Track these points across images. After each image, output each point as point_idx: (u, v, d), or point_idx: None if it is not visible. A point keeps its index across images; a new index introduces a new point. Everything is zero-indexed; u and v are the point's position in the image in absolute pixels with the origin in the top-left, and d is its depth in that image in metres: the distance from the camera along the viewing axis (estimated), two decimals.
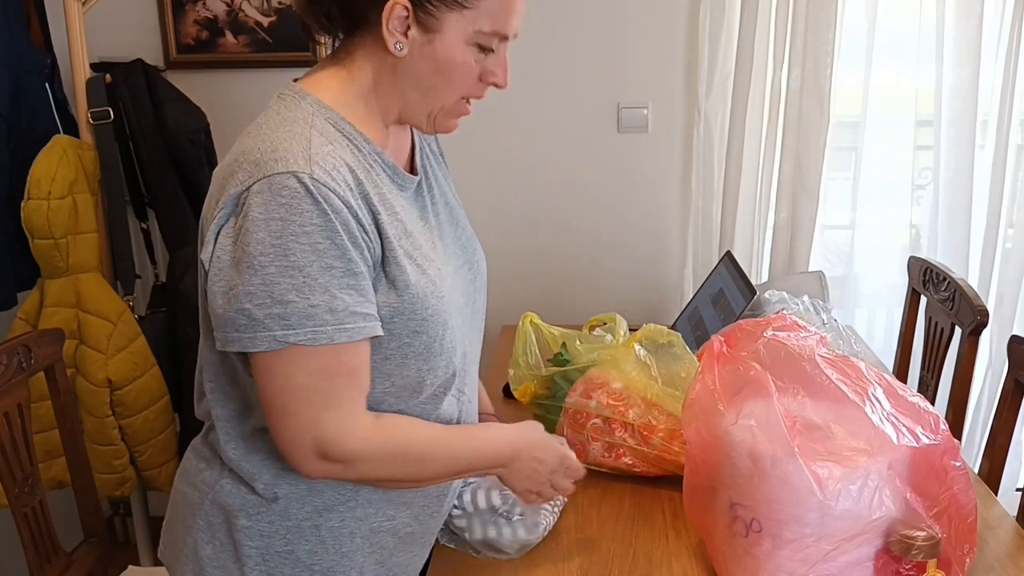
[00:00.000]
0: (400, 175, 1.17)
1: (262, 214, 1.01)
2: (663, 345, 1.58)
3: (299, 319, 1.02)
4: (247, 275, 1.01)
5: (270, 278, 1.01)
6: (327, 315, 1.02)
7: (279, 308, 1.01)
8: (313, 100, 1.11)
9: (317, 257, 1.02)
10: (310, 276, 1.02)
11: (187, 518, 1.19)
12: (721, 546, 1.25)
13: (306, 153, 1.04)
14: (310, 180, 1.01)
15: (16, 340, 1.61)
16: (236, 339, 1.03)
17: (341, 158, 1.07)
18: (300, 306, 1.01)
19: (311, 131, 1.07)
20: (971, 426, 2.49)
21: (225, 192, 1.05)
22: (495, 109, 2.44)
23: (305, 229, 1.01)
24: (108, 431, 2.15)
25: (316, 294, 1.02)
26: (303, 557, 1.17)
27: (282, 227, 1.01)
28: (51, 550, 1.66)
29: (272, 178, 1.02)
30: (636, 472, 1.52)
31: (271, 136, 1.06)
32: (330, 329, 1.03)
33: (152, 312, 2.31)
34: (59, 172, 2.06)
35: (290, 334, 1.02)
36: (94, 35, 2.24)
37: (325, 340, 1.03)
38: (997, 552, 1.33)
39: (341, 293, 1.03)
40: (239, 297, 1.02)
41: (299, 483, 1.15)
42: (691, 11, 2.39)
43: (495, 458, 1.21)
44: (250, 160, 1.04)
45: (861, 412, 1.17)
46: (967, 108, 2.34)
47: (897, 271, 2.46)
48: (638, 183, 2.52)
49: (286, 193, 1.01)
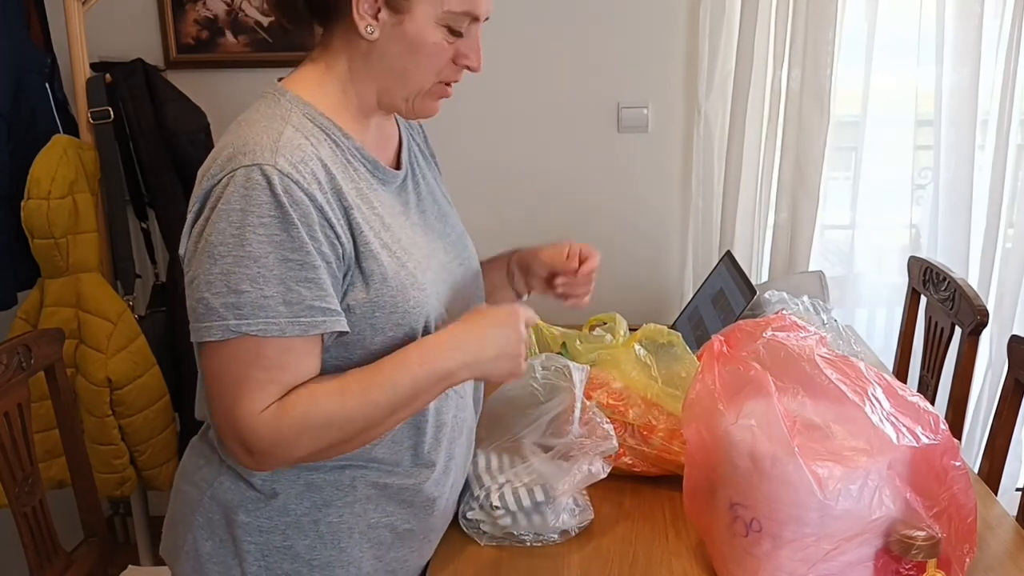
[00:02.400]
0: (381, 169, 1.17)
1: (224, 205, 1.03)
2: (663, 345, 1.58)
3: (252, 309, 1.02)
4: (207, 264, 1.03)
5: (227, 267, 1.02)
6: (281, 307, 1.03)
7: (233, 297, 1.02)
8: (292, 97, 1.12)
9: (273, 248, 1.02)
10: (265, 267, 1.02)
11: (187, 515, 1.20)
12: (721, 546, 1.25)
13: (273, 146, 1.05)
14: (274, 172, 1.03)
15: (16, 340, 1.61)
16: (195, 329, 1.05)
17: (313, 152, 1.08)
18: (253, 296, 1.02)
19: (285, 126, 1.08)
20: (971, 426, 2.48)
21: (200, 187, 1.07)
22: (495, 109, 2.44)
23: (263, 220, 1.02)
24: (108, 431, 2.15)
25: (271, 285, 1.02)
26: (302, 552, 1.17)
27: (241, 218, 1.02)
28: (51, 550, 1.66)
29: (238, 171, 1.03)
30: (636, 472, 1.52)
31: (245, 132, 1.08)
32: (283, 321, 1.03)
33: (152, 312, 2.31)
34: (59, 172, 2.06)
35: (243, 324, 1.02)
36: (94, 35, 2.24)
37: (276, 332, 1.03)
38: (997, 552, 1.33)
39: (297, 286, 1.04)
40: (200, 286, 1.03)
41: (297, 479, 1.16)
42: (691, 11, 2.39)
43: (443, 357, 1.11)
44: (223, 156, 1.06)
45: (861, 412, 1.17)
46: (967, 108, 2.34)
47: (897, 271, 2.46)
48: (638, 183, 2.52)
49: (248, 184, 1.02)
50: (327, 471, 1.17)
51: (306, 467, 1.16)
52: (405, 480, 1.21)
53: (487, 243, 1.46)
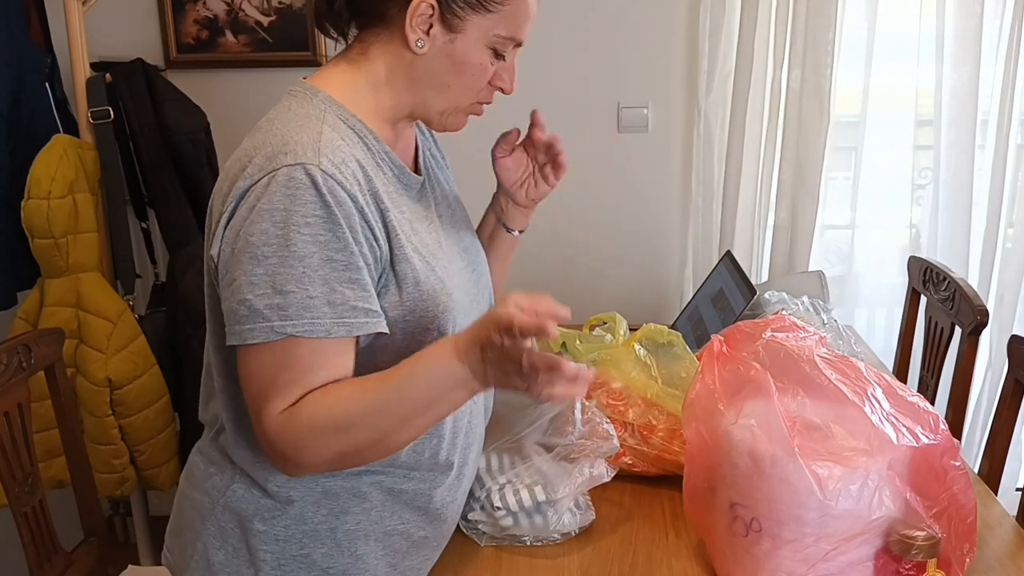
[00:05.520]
0: (406, 174, 1.17)
1: (267, 204, 1.01)
2: (663, 345, 1.58)
3: (297, 310, 1.01)
4: (250, 265, 1.01)
5: (272, 268, 1.00)
6: (325, 307, 1.02)
7: (279, 299, 1.00)
8: (325, 97, 1.11)
9: (318, 248, 1.01)
10: (310, 267, 1.01)
11: (196, 523, 1.18)
12: (721, 546, 1.25)
13: (316, 146, 1.04)
14: (318, 172, 1.01)
15: (16, 340, 1.61)
16: (236, 332, 1.02)
17: (351, 153, 1.07)
18: (298, 297, 1.00)
19: (323, 126, 1.07)
20: (971, 426, 2.49)
21: (235, 186, 1.04)
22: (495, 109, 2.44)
23: (308, 220, 1.01)
24: (108, 431, 2.15)
25: (315, 286, 1.01)
26: (319, 560, 1.16)
27: (285, 217, 1.01)
28: (51, 550, 1.66)
29: (280, 170, 1.02)
30: (636, 472, 1.52)
31: (283, 130, 1.06)
32: (328, 322, 1.02)
33: (152, 312, 2.31)
34: (59, 172, 2.05)
35: (288, 325, 1.00)
36: (94, 35, 2.24)
37: (322, 333, 1.01)
38: (997, 552, 1.33)
39: (341, 286, 1.03)
40: (241, 288, 1.01)
41: (314, 486, 1.15)
42: (691, 11, 2.39)
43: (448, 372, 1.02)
44: (262, 155, 1.04)
45: (861, 412, 1.17)
46: (967, 108, 2.35)
47: (897, 271, 2.46)
48: (638, 183, 2.52)
49: (292, 184, 1.01)
50: (344, 477, 1.15)
51: (323, 475, 1.14)
52: (420, 485, 1.20)
53: None
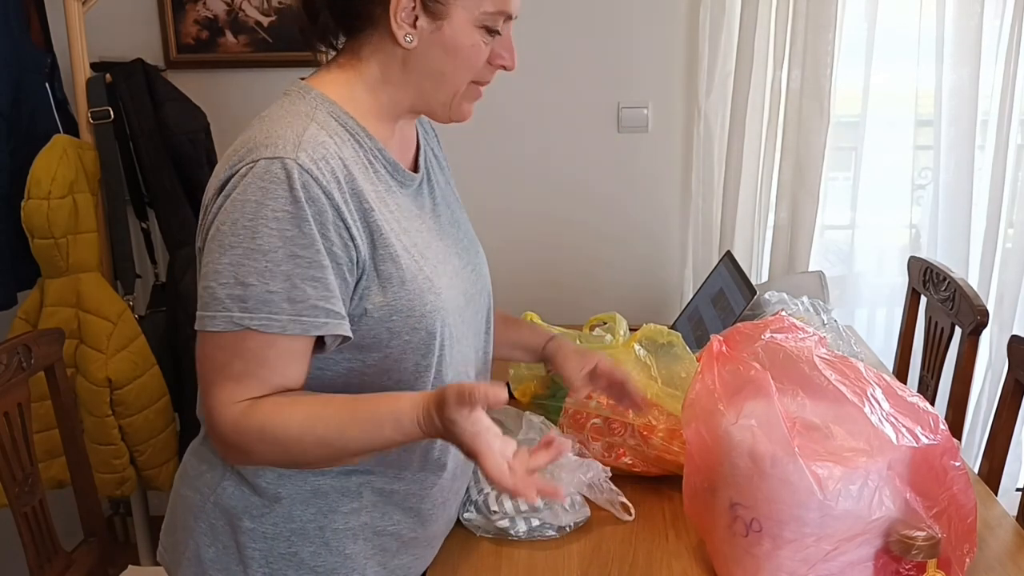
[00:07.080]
0: (401, 172, 1.17)
1: (241, 195, 1.02)
2: (663, 345, 1.58)
3: (256, 304, 1.01)
4: (217, 253, 1.02)
5: (236, 259, 1.01)
6: (284, 303, 1.02)
7: (240, 290, 1.01)
8: (317, 95, 1.12)
9: (283, 244, 1.02)
10: (273, 262, 1.01)
11: (188, 521, 1.19)
12: (721, 546, 1.25)
13: (296, 140, 1.04)
14: (295, 166, 1.02)
15: (16, 340, 1.61)
16: (199, 317, 1.03)
17: (336, 151, 1.07)
18: (259, 290, 1.01)
19: (310, 122, 1.08)
20: (971, 426, 2.48)
21: (217, 179, 1.06)
22: (495, 109, 2.43)
23: (276, 215, 1.01)
24: (108, 431, 2.15)
25: (276, 281, 1.02)
26: (307, 559, 1.16)
27: (256, 210, 1.01)
28: (51, 550, 1.66)
29: (259, 163, 1.03)
30: (636, 472, 1.52)
31: (268, 126, 1.07)
32: (284, 319, 1.02)
33: (152, 312, 2.31)
34: (59, 172, 2.05)
35: (246, 318, 1.01)
36: (94, 35, 2.23)
37: (278, 329, 1.02)
38: (997, 552, 1.33)
39: (303, 283, 1.03)
40: (207, 275, 1.03)
41: (303, 484, 1.15)
42: (691, 11, 2.39)
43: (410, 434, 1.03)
44: (244, 148, 1.06)
45: (860, 412, 1.17)
46: (967, 108, 2.35)
47: (897, 271, 2.46)
48: (638, 183, 2.52)
49: (267, 177, 1.02)
50: (333, 476, 1.16)
51: (312, 472, 1.15)
52: (411, 486, 1.20)
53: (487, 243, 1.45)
